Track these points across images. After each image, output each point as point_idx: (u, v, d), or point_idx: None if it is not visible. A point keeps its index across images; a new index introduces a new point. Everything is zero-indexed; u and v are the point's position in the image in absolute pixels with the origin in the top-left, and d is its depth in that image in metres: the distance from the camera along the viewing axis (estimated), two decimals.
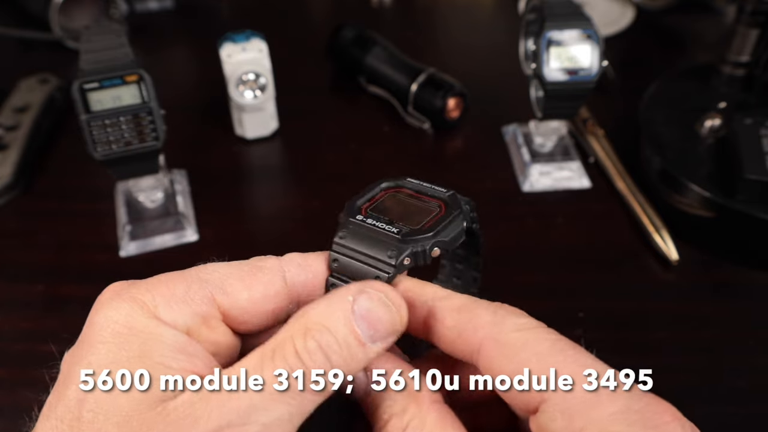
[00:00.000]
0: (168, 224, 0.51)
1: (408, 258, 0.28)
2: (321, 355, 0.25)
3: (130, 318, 0.26)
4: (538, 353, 0.25)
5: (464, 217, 0.29)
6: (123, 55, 0.46)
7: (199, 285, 0.28)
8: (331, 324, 0.26)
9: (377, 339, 0.26)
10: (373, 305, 0.26)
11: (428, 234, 0.28)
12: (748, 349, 0.44)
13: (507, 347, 0.26)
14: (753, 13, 0.55)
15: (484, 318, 0.27)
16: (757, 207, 0.47)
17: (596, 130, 0.60)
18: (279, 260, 0.29)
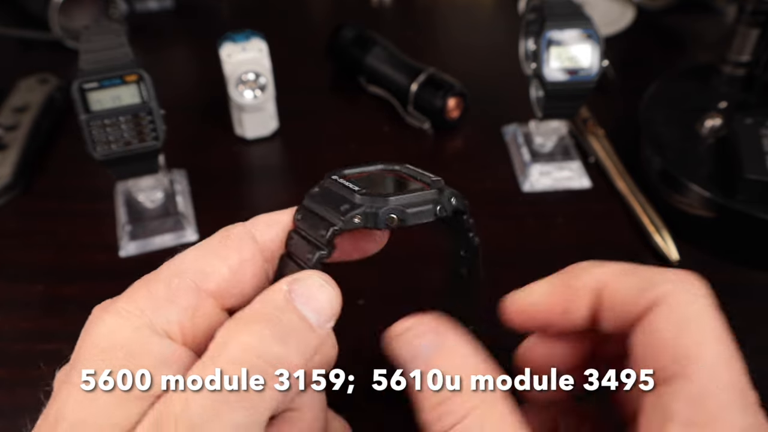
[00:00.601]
0: (168, 224, 0.51)
1: (358, 216, 0.27)
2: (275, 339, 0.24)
3: (115, 332, 0.25)
4: (702, 328, 0.25)
5: (439, 201, 0.28)
6: (123, 54, 0.46)
7: (179, 278, 0.27)
8: (273, 311, 0.25)
9: (321, 323, 0.26)
10: (312, 289, 0.26)
11: (384, 198, 0.27)
12: (749, 349, 0.44)
13: (678, 311, 0.25)
14: (753, 13, 0.55)
15: (669, 275, 0.26)
16: (758, 207, 0.47)
17: (596, 130, 0.60)
18: (243, 225, 0.29)
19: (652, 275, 0.26)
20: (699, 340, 0.24)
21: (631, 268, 0.27)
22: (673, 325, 0.24)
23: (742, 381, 0.24)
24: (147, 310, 0.26)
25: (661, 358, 0.24)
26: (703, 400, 0.23)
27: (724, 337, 0.25)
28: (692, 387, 0.23)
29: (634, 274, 0.27)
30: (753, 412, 0.23)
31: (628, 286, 0.26)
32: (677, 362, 0.24)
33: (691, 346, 0.24)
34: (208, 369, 0.23)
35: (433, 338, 0.26)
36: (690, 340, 0.24)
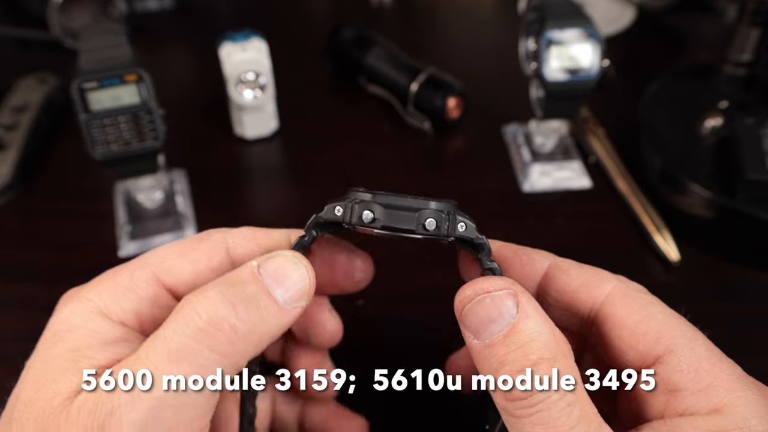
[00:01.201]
0: (167, 224, 0.51)
1: (338, 208, 0.27)
2: (224, 304, 0.24)
3: (72, 315, 0.26)
4: (662, 312, 0.27)
5: (432, 215, 0.26)
6: (122, 54, 0.46)
7: (142, 270, 0.28)
8: (236, 281, 0.25)
9: (288, 300, 0.26)
10: (282, 264, 0.26)
11: (373, 195, 0.26)
12: (748, 350, 0.44)
13: (634, 301, 0.27)
14: (754, 13, 0.55)
15: (608, 275, 0.28)
16: (758, 207, 0.47)
17: (597, 129, 0.60)
18: (224, 232, 0.29)
19: (596, 272, 0.29)
20: (667, 321, 0.27)
21: (576, 263, 0.29)
22: (638, 312, 0.27)
23: (713, 345, 0.26)
24: (106, 297, 0.27)
25: (642, 342, 0.26)
26: (698, 367, 0.25)
27: (679, 315, 0.27)
28: (683, 359, 0.25)
29: (582, 268, 0.29)
30: (734, 364, 0.26)
31: (581, 274, 0.28)
32: (659, 342, 0.26)
33: (663, 327, 0.26)
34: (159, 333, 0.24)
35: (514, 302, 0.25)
36: (661, 322, 0.26)
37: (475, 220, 0.28)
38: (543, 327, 0.24)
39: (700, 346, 0.26)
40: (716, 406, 0.24)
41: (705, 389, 0.25)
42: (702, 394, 0.25)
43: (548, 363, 0.24)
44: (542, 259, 0.30)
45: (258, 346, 0.25)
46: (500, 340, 0.24)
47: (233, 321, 0.24)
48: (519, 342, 0.24)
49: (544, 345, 0.24)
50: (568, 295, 0.29)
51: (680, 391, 0.25)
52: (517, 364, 0.24)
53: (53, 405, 0.24)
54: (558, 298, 0.29)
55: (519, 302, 0.25)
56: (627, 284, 0.28)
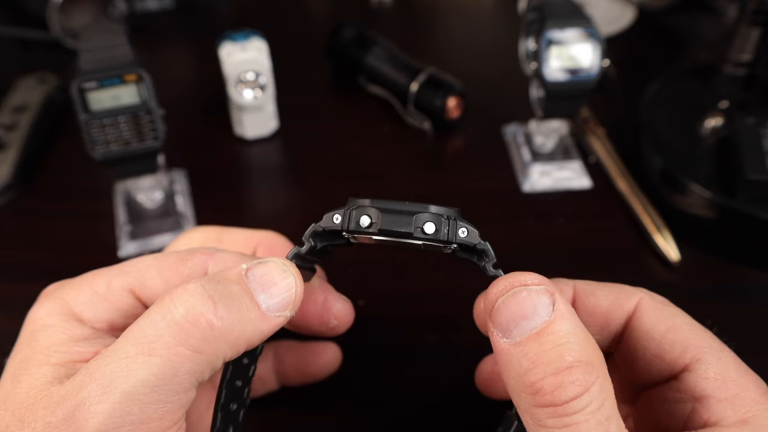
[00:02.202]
0: (167, 224, 0.51)
1: (336, 216, 0.27)
2: (203, 299, 0.24)
3: (48, 316, 0.27)
4: (689, 323, 0.27)
5: (431, 219, 0.25)
6: (122, 54, 0.46)
7: (119, 279, 0.28)
8: (222, 279, 0.25)
9: (272, 308, 0.25)
10: (270, 270, 0.25)
11: (371, 202, 0.26)
12: (749, 349, 0.44)
13: (661, 312, 0.28)
14: (754, 13, 0.55)
15: (633, 290, 0.29)
16: (759, 207, 0.47)
17: (597, 129, 0.60)
18: (208, 255, 0.29)
19: (621, 289, 0.29)
20: (694, 331, 0.27)
21: (599, 283, 0.30)
22: (665, 323, 0.27)
23: (738, 358, 0.27)
24: (81, 302, 0.27)
25: (670, 351, 0.26)
26: (725, 376, 0.25)
27: (703, 327, 0.28)
28: (710, 367, 0.25)
29: (607, 287, 0.29)
30: (758, 376, 0.26)
31: (609, 293, 0.29)
32: (687, 351, 0.26)
33: (690, 337, 0.26)
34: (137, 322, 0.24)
35: (550, 300, 0.23)
36: (688, 332, 0.27)
37: (476, 221, 0.27)
38: (579, 329, 0.23)
39: (728, 357, 0.26)
40: (743, 417, 0.24)
41: (732, 398, 0.25)
42: (729, 403, 0.25)
43: (586, 367, 0.21)
44: (566, 287, 0.29)
45: (234, 347, 0.24)
46: (532, 337, 0.22)
47: (210, 317, 0.23)
48: (554, 341, 0.22)
49: (581, 347, 0.22)
50: (602, 316, 0.29)
51: (707, 398, 0.25)
52: (552, 366, 0.21)
53: (29, 396, 0.24)
54: (590, 323, 0.29)
55: (555, 301, 0.23)
56: (652, 296, 0.29)
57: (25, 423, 0.23)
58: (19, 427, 0.23)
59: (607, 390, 0.22)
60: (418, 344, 0.43)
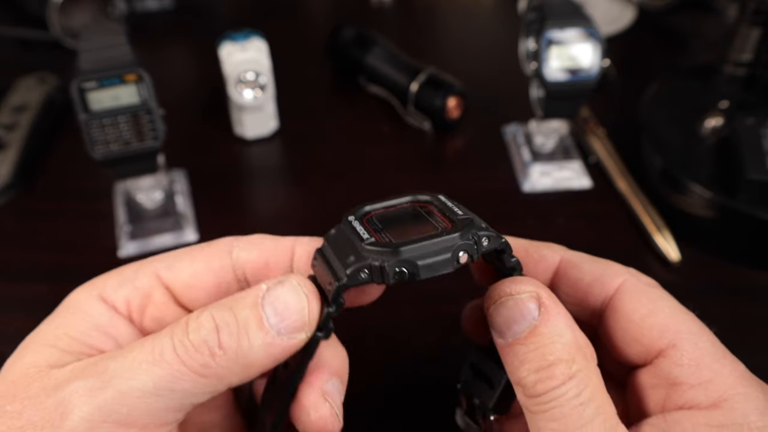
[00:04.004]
0: (167, 224, 0.51)
1: (364, 271, 0.24)
2: (208, 327, 0.24)
3: (75, 296, 0.28)
4: (671, 306, 0.27)
5: (461, 247, 0.24)
6: (122, 54, 0.46)
7: (148, 264, 0.29)
8: (235, 304, 0.25)
9: (283, 330, 0.25)
10: (284, 291, 0.25)
11: (393, 249, 0.24)
12: (749, 349, 0.44)
13: (644, 295, 0.28)
14: (755, 13, 0.55)
15: (620, 268, 0.29)
16: (759, 207, 0.47)
17: (597, 129, 0.60)
18: (234, 238, 0.30)
19: (608, 265, 0.29)
20: (674, 315, 0.27)
21: (588, 256, 0.30)
22: (645, 306, 0.27)
23: (718, 341, 0.27)
24: (109, 285, 0.28)
25: (647, 336, 0.27)
26: (700, 361, 0.25)
27: (687, 310, 0.28)
28: (685, 353, 0.26)
29: (594, 262, 0.29)
30: (738, 361, 0.26)
31: (594, 269, 0.29)
32: (664, 336, 0.26)
33: (670, 321, 0.27)
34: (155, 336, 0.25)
35: (536, 305, 0.26)
36: (667, 316, 0.27)
37: None
38: (565, 330, 0.25)
39: (705, 342, 0.26)
40: (716, 401, 0.25)
41: (705, 384, 0.25)
42: (702, 388, 0.25)
43: (566, 364, 0.24)
44: (553, 254, 0.30)
45: (240, 375, 0.25)
46: (521, 340, 0.25)
47: (213, 346, 0.24)
48: (538, 343, 0.25)
49: (564, 347, 0.25)
50: (582, 290, 0.29)
51: (680, 384, 0.25)
52: (534, 364, 0.25)
53: (28, 373, 0.25)
54: (570, 294, 0.29)
55: (542, 305, 0.25)
56: (638, 278, 0.29)
57: (18, 398, 0.24)
58: (10, 400, 0.24)
59: (587, 379, 0.24)
60: (418, 344, 0.43)
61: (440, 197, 0.28)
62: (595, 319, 0.29)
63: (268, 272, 0.29)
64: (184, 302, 0.29)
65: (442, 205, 0.27)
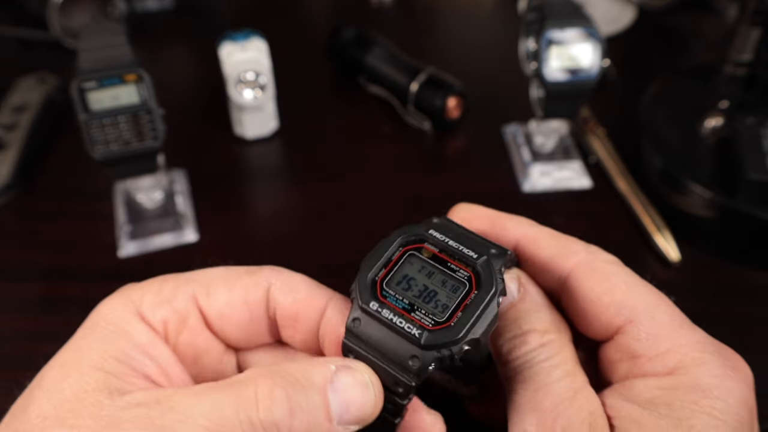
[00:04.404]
0: (167, 224, 0.51)
1: (432, 365, 0.24)
2: (284, 409, 0.23)
3: (111, 311, 0.27)
4: (627, 282, 0.28)
5: (499, 293, 0.25)
6: (122, 54, 0.46)
7: (186, 284, 0.28)
8: (306, 382, 0.24)
9: (343, 421, 0.25)
10: (354, 382, 0.25)
11: (457, 336, 0.24)
12: (748, 349, 0.44)
13: (600, 273, 0.28)
14: (755, 13, 0.55)
15: (579, 246, 0.30)
16: (759, 207, 0.47)
17: (597, 129, 0.60)
18: (275, 272, 0.29)
19: (566, 243, 0.30)
20: (630, 291, 0.28)
21: (550, 232, 0.31)
22: (601, 284, 0.28)
23: (677, 311, 0.28)
24: (147, 301, 0.28)
25: (605, 313, 0.28)
26: (657, 334, 0.26)
27: (644, 282, 0.28)
28: (642, 328, 0.27)
29: (553, 238, 0.30)
30: (696, 329, 0.27)
31: (551, 246, 0.30)
32: (621, 313, 0.27)
33: (627, 297, 0.27)
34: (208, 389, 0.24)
35: (516, 285, 0.29)
36: (624, 293, 0.28)
37: None
38: (540, 306, 0.28)
39: (662, 314, 0.27)
40: (672, 369, 0.26)
41: (662, 354, 0.26)
42: (659, 359, 0.26)
43: (540, 333, 0.27)
44: (515, 228, 0.31)
45: None
46: (503, 313, 0.28)
47: (282, 429, 0.23)
48: (516, 316, 0.28)
49: (538, 320, 0.27)
50: (538, 266, 0.30)
51: (639, 357, 0.27)
52: (511, 333, 0.27)
53: (77, 398, 0.24)
54: (528, 269, 0.30)
55: (522, 284, 0.28)
56: (595, 255, 0.29)
57: (66, 425, 0.23)
58: (58, 424, 0.23)
59: (558, 348, 0.27)
60: None
61: (431, 232, 0.27)
62: (556, 296, 0.30)
63: (295, 323, 0.29)
64: (215, 329, 0.29)
65: (439, 242, 0.27)
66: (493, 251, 0.27)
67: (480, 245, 0.27)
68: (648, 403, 0.25)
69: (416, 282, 0.26)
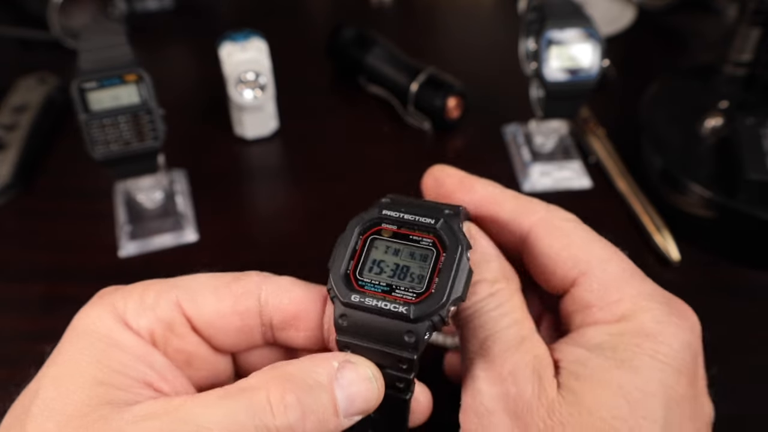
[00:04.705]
0: (167, 224, 0.51)
1: (427, 333, 0.26)
2: (297, 413, 0.24)
3: (98, 321, 0.27)
4: (582, 237, 0.30)
5: (465, 248, 0.26)
6: (122, 54, 0.46)
7: (169, 291, 0.28)
8: (315, 383, 0.25)
9: (349, 413, 0.26)
10: (357, 377, 0.26)
11: (441, 301, 0.25)
12: (748, 349, 0.44)
13: (557, 230, 0.30)
14: (754, 13, 0.55)
15: (539, 206, 0.31)
16: (759, 207, 0.47)
17: (597, 129, 0.60)
18: (263, 278, 0.29)
19: (528, 203, 0.31)
20: (585, 246, 0.29)
21: (513, 194, 0.31)
22: (559, 240, 0.29)
23: (630, 264, 0.29)
24: (131, 309, 0.27)
25: (561, 267, 0.29)
26: (608, 285, 0.28)
27: (600, 238, 0.30)
28: (594, 279, 0.28)
29: (516, 199, 0.31)
30: (648, 281, 0.29)
31: (513, 205, 0.31)
32: (576, 266, 0.29)
33: (581, 252, 0.29)
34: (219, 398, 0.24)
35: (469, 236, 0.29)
36: (579, 248, 0.29)
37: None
38: (490, 257, 0.29)
39: (614, 267, 0.28)
40: (620, 317, 0.27)
41: (612, 304, 0.27)
42: (608, 309, 0.27)
43: (489, 283, 0.28)
44: (482, 188, 0.32)
45: None
46: None
47: (298, 430, 0.24)
48: None
49: (488, 269, 0.29)
50: (500, 225, 0.31)
51: (591, 307, 0.28)
52: None
53: (81, 413, 0.24)
54: (492, 228, 0.31)
55: (472, 236, 0.29)
56: (554, 213, 0.30)
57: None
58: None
59: (508, 296, 0.28)
60: None
61: (383, 211, 0.28)
62: (517, 254, 0.31)
63: (297, 322, 0.29)
64: (203, 335, 0.29)
65: (394, 218, 0.28)
66: (447, 212, 0.28)
67: (433, 210, 0.28)
68: (595, 347, 0.27)
69: (386, 263, 0.27)
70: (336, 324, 0.27)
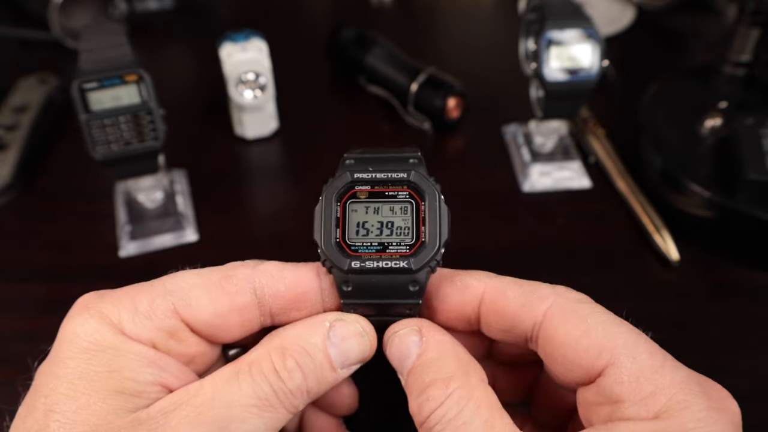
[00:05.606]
0: (168, 224, 0.51)
1: (428, 277, 0.28)
2: (299, 375, 0.27)
3: (96, 334, 0.26)
4: (603, 322, 0.27)
5: (439, 192, 0.28)
6: (122, 54, 0.46)
7: (163, 297, 0.28)
8: (309, 346, 0.27)
9: (345, 365, 0.28)
10: (348, 333, 0.28)
11: (435, 247, 0.27)
12: (748, 349, 0.44)
13: (573, 315, 0.27)
14: (754, 13, 0.55)
15: (546, 290, 0.28)
16: (758, 207, 0.47)
17: (597, 129, 0.60)
18: (252, 269, 0.29)
19: (533, 289, 0.28)
20: (607, 332, 0.26)
21: (513, 281, 0.29)
22: (578, 327, 0.27)
23: (657, 348, 0.26)
24: (125, 318, 0.27)
25: (585, 357, 0.26)
26: (639, 376, 0.25)
27: (620, 320, 0.27)
28: (624, 370, 0.25)
29: (519, 287, 0.29)
30: (679, 366, 0.26)
31: (518, 295, 0.28)
32: (601, 356, 0.26)
33: (605, 339, 0.26)
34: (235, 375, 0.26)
35: (418, 337, 0.28)
36: (599, 335, 0.26)
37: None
38: (444, 353, 0.27)
39: (642, 354, 0.26)
40: (657, 413, 0.25)
41: (646, 398, 0.25)
42: (643, 403, 0.25)
43: (443, 383, 0.26)
44: (477, 283, 0.29)
45: (310, 400, 0.28)
46: (410, 371, 0.27)
47: (304, 391, 0.27)
48: (421, 370, 0.27)
49: (441, 367, 0.26)
50: (509, 318, 0.28)
51: (622, 402, 0.25)
52: (416, 389, 0.26)
53: (108, 421, 0.24)
54: (499, 321, 0.29)
55: (423, 335, 0.28)
56: (566, 297, 0.28)
57: None
58: None
59: (468, 395, 0.25)
60: None
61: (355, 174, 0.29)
62: (531, 345, 0.29)
63: (298, 305, 0.29)
64: (204, 336, 0.29)
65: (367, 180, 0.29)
66: (412, 161, 0.28)
67: (399, 162, 0.29)
68: None
69: (370, 223, 0.28)
70: (340, 291, 0.28)
